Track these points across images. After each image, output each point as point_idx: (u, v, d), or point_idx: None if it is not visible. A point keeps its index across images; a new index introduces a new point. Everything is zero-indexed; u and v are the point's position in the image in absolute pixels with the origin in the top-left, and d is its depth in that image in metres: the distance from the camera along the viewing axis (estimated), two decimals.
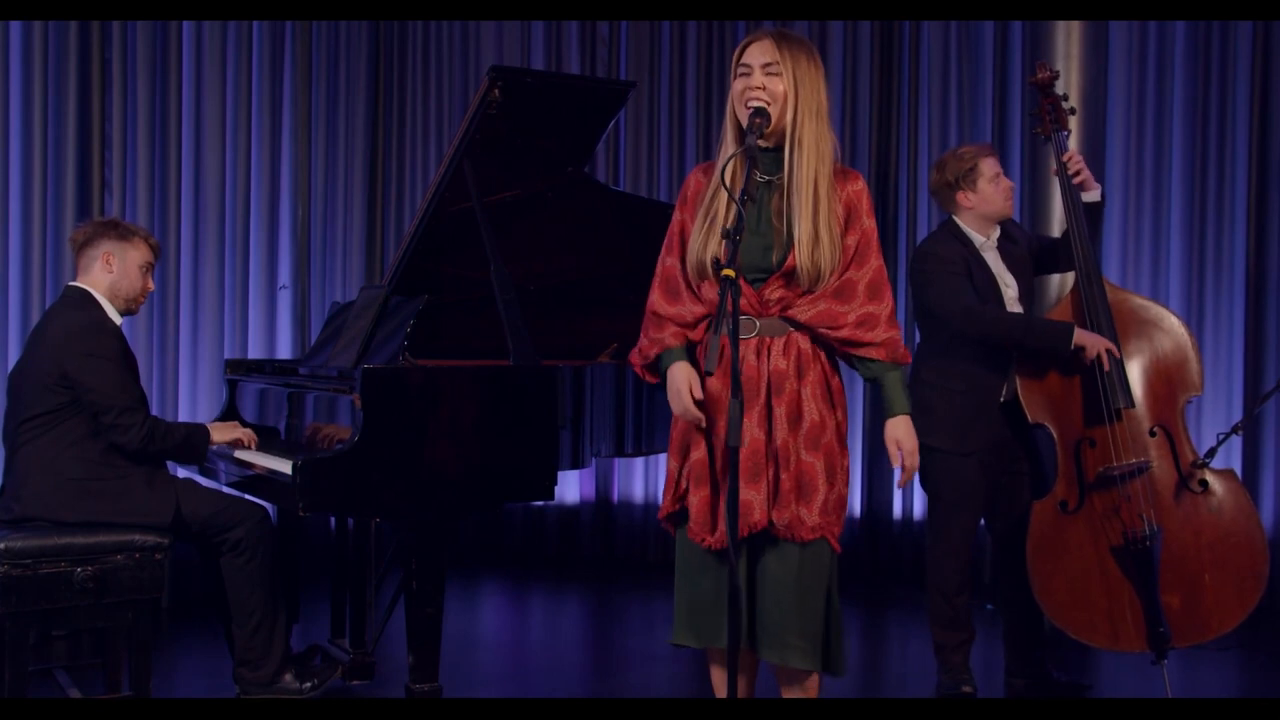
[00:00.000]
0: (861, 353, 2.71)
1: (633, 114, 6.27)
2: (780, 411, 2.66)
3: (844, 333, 2.69)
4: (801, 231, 2.63)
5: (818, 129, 2.67)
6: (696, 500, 2.70)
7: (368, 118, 6.28)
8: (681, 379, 2.69)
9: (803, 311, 2.68)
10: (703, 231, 2.69)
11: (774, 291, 2.68)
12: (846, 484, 2.74)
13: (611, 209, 4.23)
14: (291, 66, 5.94)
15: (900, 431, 2.75)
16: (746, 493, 2.64)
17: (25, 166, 5.03)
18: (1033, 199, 5.06)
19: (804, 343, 2.70)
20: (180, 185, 5.43)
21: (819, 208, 2.65)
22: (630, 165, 6.33)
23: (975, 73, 5.83)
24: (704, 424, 2.68)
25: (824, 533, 2.66)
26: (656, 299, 2.79)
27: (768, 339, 2.69)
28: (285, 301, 5.94)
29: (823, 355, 2.73)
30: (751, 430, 2.65)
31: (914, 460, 2.74)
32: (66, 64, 5.06)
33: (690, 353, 2.76)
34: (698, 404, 2.68)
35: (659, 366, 2.78)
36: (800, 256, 2.64)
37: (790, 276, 2.66)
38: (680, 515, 2.76)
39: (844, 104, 6.00)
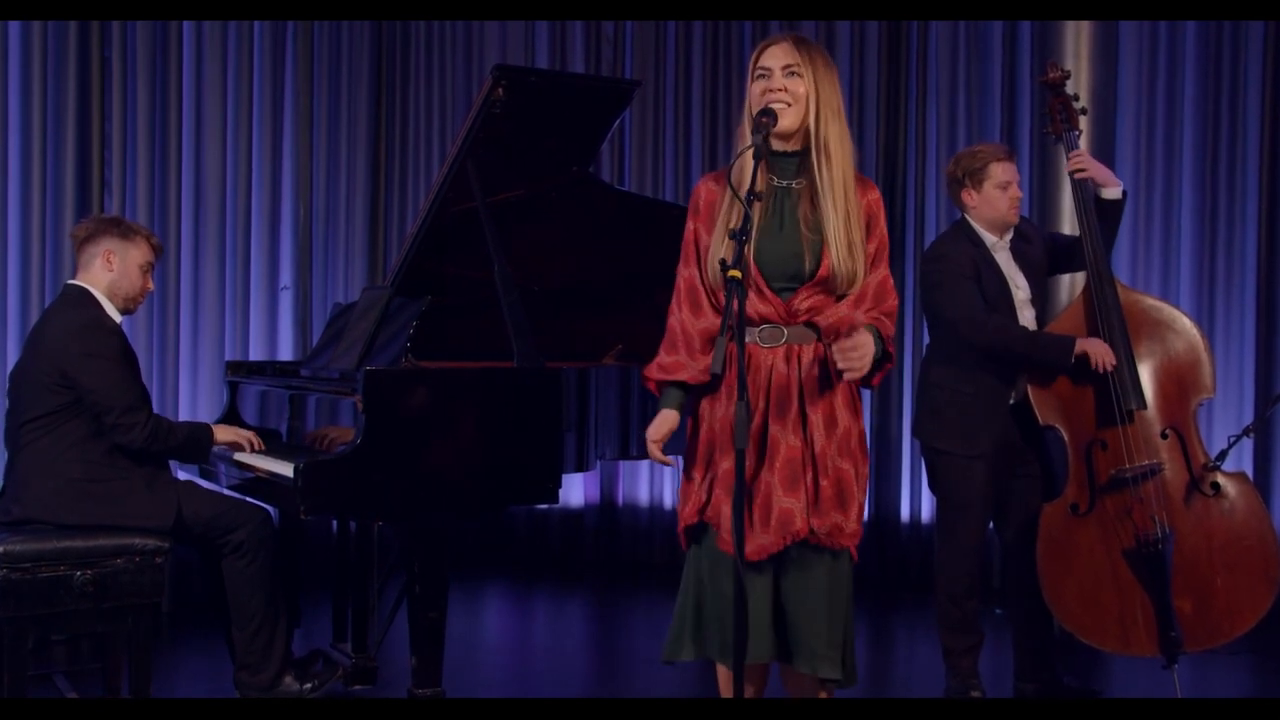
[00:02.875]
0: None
1: (638, 114, 6.25)
2: (816, 418, 2.62)
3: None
4: (837, 235, 2.60)
5: (840, 130, 2.64)
6: (730, 511, 2.65)
7: (370, 117, 6.25)
8: (655, 428, 2.70)
9: (826, 319, 2.65)
10: (722, 241, 2.65)
11: (804, 301, 2.64)
12: (865, 492, 2.72)
13: (616, 209, 4.19)
14: (293, 66, 5.91)
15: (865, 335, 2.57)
16: (786, 501, 2.60)
17: (25, 166, 5.00)
18: (1042, 200, 5.01)
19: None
20: (180, 185, 5.40)
21: (850, 211, 2.62)
22: (635, 165, 6.31)
23: (984, 73, 5.80)
24: (670, 465, 2.75)
25: (856, 540, 2.64)
26: (684, 315, 2.72)
27: (796, 346, 2.65)
28: (287, 303, 5.90)
29: None
30: (787, 438, 2.61)
31: (858, 360, 2.52)
32: (66, 64, 5.03)
33: (692, 398, 2.73)
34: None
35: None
36: (837, 261, 2.60)
37: (825, 284, 2.63)
38: (700, 528, 2.71)
39: (851, 105, 5.95)
